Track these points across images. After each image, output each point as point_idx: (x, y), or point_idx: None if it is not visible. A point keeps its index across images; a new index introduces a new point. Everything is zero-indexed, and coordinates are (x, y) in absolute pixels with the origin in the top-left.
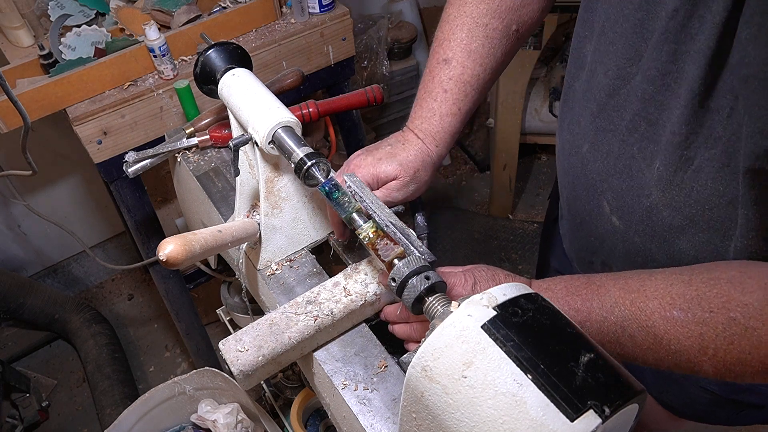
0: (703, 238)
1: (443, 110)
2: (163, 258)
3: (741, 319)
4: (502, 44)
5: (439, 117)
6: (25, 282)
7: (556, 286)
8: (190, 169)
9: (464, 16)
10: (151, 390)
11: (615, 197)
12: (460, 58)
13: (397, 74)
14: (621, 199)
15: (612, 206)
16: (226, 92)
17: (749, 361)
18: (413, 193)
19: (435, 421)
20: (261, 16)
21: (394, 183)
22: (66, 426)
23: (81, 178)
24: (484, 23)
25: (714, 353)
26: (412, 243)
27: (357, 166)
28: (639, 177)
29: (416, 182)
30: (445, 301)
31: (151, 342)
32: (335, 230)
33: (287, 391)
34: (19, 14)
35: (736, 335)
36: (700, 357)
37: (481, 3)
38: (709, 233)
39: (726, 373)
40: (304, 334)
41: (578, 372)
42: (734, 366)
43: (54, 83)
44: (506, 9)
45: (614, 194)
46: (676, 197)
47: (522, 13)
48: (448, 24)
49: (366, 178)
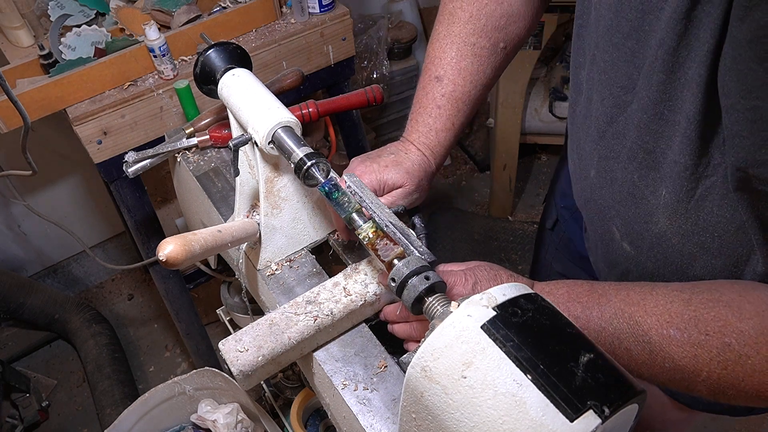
0: (717, 264)
1: (438, 126)
2: (163, 258)
3: (735, 346)
4: (490, 61)
5: (435, 132)
6: (25, 282)
7: (558, 290)
8: (190, 169)
9: (453, 35)
10: (151, 390)
11: (624, 224)
12: (451, 76)
13: (397, 74)
14: (629, 226)
15: (621, 232)
16: (225, 92)
17: (743, 387)
18: (415, 201)
19: (435, 421)
20: (261, 16)
21: (400, 191)
22: (66, 426)
23: (81, 178)
24: (472, 42)
25: (708, 376)
26: (412, 243)
27: (363, 173)
28: (645, 204)
29: (419, 191)
30: (444, 301)
31: (151, 342)
32: (340, 232)
33: (287, 391)
34: (19, 14)
35: (730, 361)
36: (694, 378)
37: (467, 23)
38: (722, 259)
39: (720, 395)
40: (304, 334)
41: (578, 372)
42: (727, 390)
43: (54, 83)
44: (492, 28)
45: (623, 221)
46: (683, 225)
47: (508, 31)
48: (438, 42)
49: (372, 184)
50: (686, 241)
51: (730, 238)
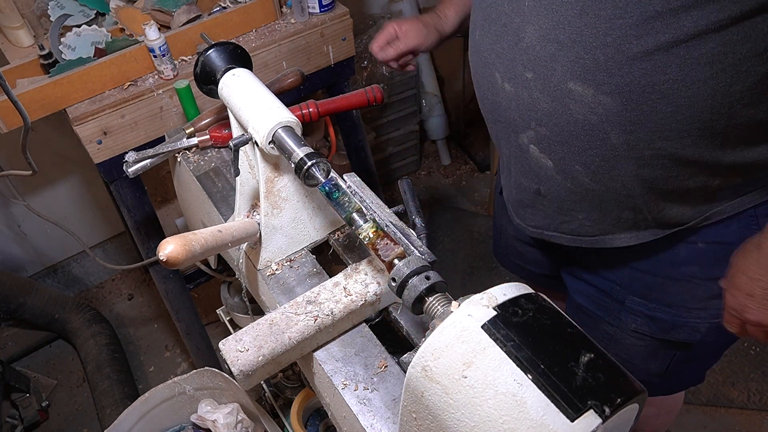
0: None
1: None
2: (163, 258)
3: None
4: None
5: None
6: (25, 282)
7: None
8: (190, 169)
9: None
10: (151, 390)
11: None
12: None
13: (397, 74)
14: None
15: (502, 74)
16: (226, 92)
17: None
18: (427, 38)
19: (435, 421)
20: (261, 16)
21: (414, 27)
22: (66, 426)
23: (81, 178)
24: None
25: None
26: (413, 243)
27: (388, 24)
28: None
29: (427, 28)
30: (445, 301)
31: (151, 342)
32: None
33: (287, 391)
34: (19, 14)
35: None
36: None
37: None
38: None
39: None
40: (304, 334)
41: (578, 372)
42: None
43: (54, 83)
44: None
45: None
46: None
47: None
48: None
49: (391, 26)
50: None
51: None
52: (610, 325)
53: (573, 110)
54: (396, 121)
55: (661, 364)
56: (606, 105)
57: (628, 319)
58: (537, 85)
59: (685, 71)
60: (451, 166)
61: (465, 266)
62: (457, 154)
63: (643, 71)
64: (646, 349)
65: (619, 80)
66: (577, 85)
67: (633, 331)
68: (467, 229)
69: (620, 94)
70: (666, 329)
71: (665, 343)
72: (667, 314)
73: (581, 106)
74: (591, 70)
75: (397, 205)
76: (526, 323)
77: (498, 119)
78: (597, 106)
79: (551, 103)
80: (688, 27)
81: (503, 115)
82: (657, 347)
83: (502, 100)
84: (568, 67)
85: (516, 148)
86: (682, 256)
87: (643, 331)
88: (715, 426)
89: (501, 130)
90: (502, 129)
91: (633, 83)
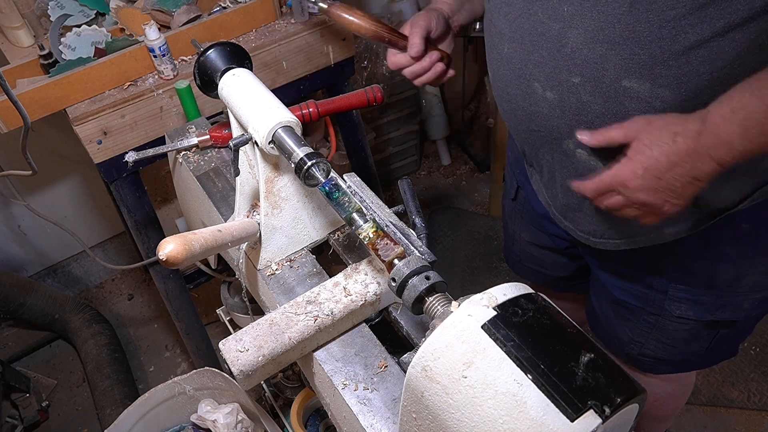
0: None
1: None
2: (163, 258)
3: None
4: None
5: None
6: (25, 282)
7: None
8: (190, 169)
9: None
10: (151, 390)
11: (543, 73)
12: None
13: (397, 74)
14: (550, 74)
15: (543, 83)
16: (226, 92)
17: None
18: (432, 21)
19: (435, 421)
20: (261, 16)
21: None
22: (66, 426)
23: (81, 178)
24: None
25: None
26: (412, 243)
27: None
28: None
29: (431, 12)
30: (445, 301)
31: (151, 342)
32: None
33: (287, 391)
34: (19, 14)
35: None
36: None
37: None
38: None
39: None
40: (304, 334)
41: (578, 372)
42: None
43: (54, 83)
44: None
45: (542, 71)
46: None
47: None
48: None
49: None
50: None
51: None
52: (651, 315)
53: (628, 107)
54: (396, 121)
55: (704, 343)
56: (664, 98)
57: (672, 307)
58: (586, 88)
59: (742, 55)
60: (451, 166)
61: (465, 266)
62: (457, 154)
63: (701, 59)
64: (689, 332)
65: (676, 71)
66: (632, 82)
67: (677, 318)
68: (467, 229)
69: (678, 86)
70: (712, 310)
71: (710, 323)
72: (711, 296)
73: (637, 102)
74: (647, 65)
75: (397, 205)
76: (526, 323)
77: (534, 129)
78: (654, 100)
79: (604, 104)
80: (742, 10)
81: (542, 124)
82: (701, 328)
83: (542, 110)
84: (621, 65)
85: (560, 154)
86: (725, 238)
87: (688, 315)
88: (715, 426)
89: (539, 139)
90: (540, 138)
91: (691, 72)
